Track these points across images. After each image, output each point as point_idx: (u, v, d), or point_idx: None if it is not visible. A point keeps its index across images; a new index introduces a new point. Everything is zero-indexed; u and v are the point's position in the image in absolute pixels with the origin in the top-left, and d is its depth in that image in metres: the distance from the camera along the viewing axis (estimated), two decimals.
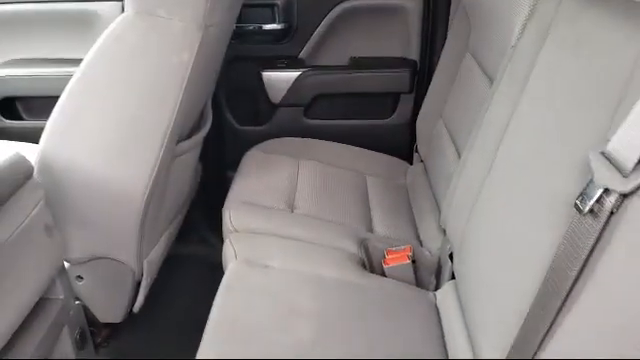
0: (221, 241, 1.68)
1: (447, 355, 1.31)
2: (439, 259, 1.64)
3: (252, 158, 2.09)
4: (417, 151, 2.20)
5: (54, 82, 1.78)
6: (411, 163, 2.25)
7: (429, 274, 1.64)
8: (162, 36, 1.43)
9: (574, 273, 0.88)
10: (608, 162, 0.84)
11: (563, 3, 1.21)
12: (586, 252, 0.87)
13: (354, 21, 2.29)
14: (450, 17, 2.14)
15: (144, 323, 1.85)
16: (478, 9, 1.74)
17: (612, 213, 0.84)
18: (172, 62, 1.45)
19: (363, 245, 1.65)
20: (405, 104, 2.35)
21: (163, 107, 1.50)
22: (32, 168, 1.41)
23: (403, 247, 1.62)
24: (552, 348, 0.92)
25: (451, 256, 1.52)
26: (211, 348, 1.22)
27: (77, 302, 1.64)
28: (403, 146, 2.33)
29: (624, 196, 0.82)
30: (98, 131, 1.49)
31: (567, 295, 0.90)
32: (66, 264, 1.60)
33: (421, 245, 1.73)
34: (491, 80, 1.52)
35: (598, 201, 0.85)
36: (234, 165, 2.09)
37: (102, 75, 1.46)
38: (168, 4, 1.41)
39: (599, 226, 0.85)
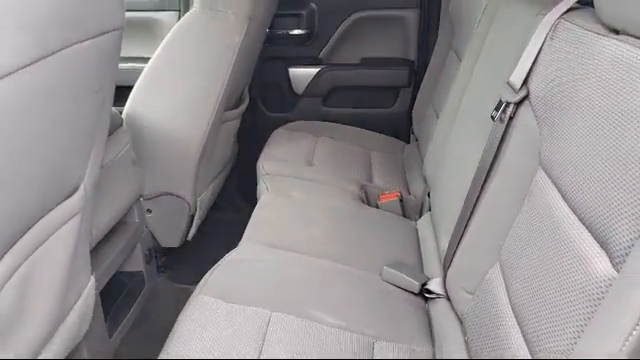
0: (252, 208, 2.09)
1: (420, 252, 1.80)
2: (422, 201, 2.13)
3: (279, 134, 2.61)
4: (413, 133, 2.71)
5: (123, 75, 2.32)
6: (408, 142, 2.75)
7: (414, 212, 2.14)
8: (219, 25, 1.98)
9: (487, 165, 1.38)
10: (509, 87, 1.35)
11: (501, 4, 1.74)
12: (495, 146, 1.36)
13: (364, 28, 2.84)
14: (440, 25, 2.67)
15: (191, 259, 2.30)
16: (456, 14, 2.27)
17: (511, 118, 1.34)
18: (225, 44, 2.00)
19: (363, 189, 2.15)
20: (404, 96, 2.87)
21: (217, 79, 2.04)
22: (122, 119, 1.94)
23: (394, 191, 2.13)
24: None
25: (429, 195, 2.01)
26: (250, 238, 1.73)
27: (146, 229, 2.16)
28: (402, 129, 2.84)
29: (517, 105, 1.32)
30: (169, 94, 2.03)
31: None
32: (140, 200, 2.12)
33: (409, 193, 2.22)
34: (460, 62, 2.04)
35: (503, 111, 1.35)
36: (264, 145, 2.59)
37: (175, 53, 2.02)
38: (224, 1, 1.95)
39: (503, 126, 1.34)
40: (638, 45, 0.90)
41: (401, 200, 2.10)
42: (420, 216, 2.10)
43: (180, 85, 2.04)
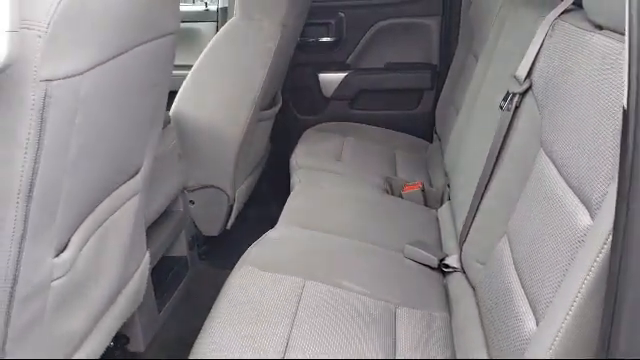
0: (284, 201, 2.24)
1: (440, 235, 1.97)
2: (442, 192, 2.30)
3: (310, 134, 2.81)
4: (436, 132, 2.88)
5: None
6: (431, 142, 2.93)
7: (435, 202, 2.30)
8: (255, 32, 2.20)
9: (497, 150, 1.55)
10: (515, 80, 1.53)
11: (511, 9, 1.92)
12: (503, 133, 1.54)
13: (388, 35, 3.04)
14: (460, 31, 2.84)
15: (230, 247, 2.50)
16: (474, 21, 2.45)
17: (517, 107, 1.51)
18: (261, 49, 2.21)
19: (388, 181, 2.33)
20: (427, 98, 3.05)
21: (254, 81, 2.25)
22: (170, 118, 2.16)
23: (416, 182, 2.30)
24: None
25: (449, 186, 2.18)
26: (285, 221, 1.92)
27: (190, 218, 2.37)
28: (426, 130, 3.01)
29: (522, 95, 1.49)
30: (211, 96, 2.24)
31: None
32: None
33: (431, 186, 2.40)
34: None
35: (510, 101, 1.52)
36: (295, 145, 2.78)
37: (217, 58, 2.23)
38: (260, 10, 2.17)
39: (510, 115, 1.52)
40: (615, 38, 1.07)
41: (423, 191, 2.27)
42: (441, 205, 2.27)
43: (221, 87, 2.25)
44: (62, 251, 1.17)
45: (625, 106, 0.67)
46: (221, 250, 2.48)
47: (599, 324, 0.77)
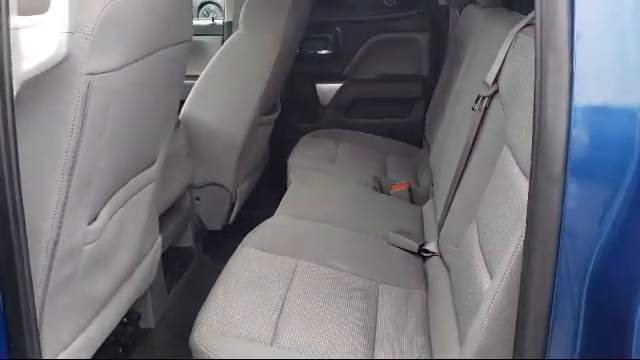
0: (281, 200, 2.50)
1: (423, 228, 2.18)
2: (428, 191, 2.51)
3: (306, 139, 3.03)
4: (425, 139, 3.10)
5: None
6: (421, 148, 3.14)
7: (422, 201, 2.51)
8: (258, 43, 2.42)
9: (469, 147, 1.77)
10: (484, 85, 1.75)
11: (487, 25, 2.15)
12: (474, 132, 1.75)
13: (381, 49, 3.28)
14: (448, 45, 3.08)
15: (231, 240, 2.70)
16: (460, 36, 2.68)
17: (486, 108, 1.73)
18: (262, 60, 2.44)
19: (377, 180, 2.55)
20: (418, 107, 3.29)
21: (255, 88, 2.47)
22: (179, 120, 2.38)
23: (404, 181, 2.52)
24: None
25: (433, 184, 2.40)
26: (281, 212, 2.13)
27: (196, 213, 2.58)
28: (416, 137, 3.22)
29: (490, 98, 1.71)
30: (217, 100, 2.47)
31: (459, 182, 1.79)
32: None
33: (418, 186, 2.61)
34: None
35: (480, 103, 1.74)
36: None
37: (222, 67, 2.46)
38: (261, 24, 2.40)
39: (480, 115, 1.74)
40: None
41: (410, 190, 2.49)
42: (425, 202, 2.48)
43: (225, 94, 2.48)
44: (94, 221, 1.38)
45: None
46: (223, 243, 2.68)
47: None
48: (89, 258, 1.40)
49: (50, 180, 1.19)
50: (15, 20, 0.98)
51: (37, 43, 1.00)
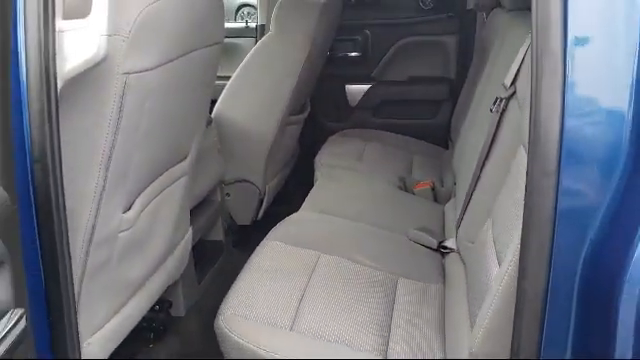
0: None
1: (444, 225, 2.24)
2: (451, 191, 2.57)
3: (335, 138, 3.11)
4: (450, 140, 3.16)
5: None
6: (447, 149, 3.20)
7: (444, 200, 2.57)
8: (289, 43, 2.52)
9: (487, 149, 1.83)
10: (503, 87, 1.81)
11: (511, 28, 2.20)
12: (493, 132, 1.81)
13: (410, 51, 3.34)
14: (475, 48, 3.13)
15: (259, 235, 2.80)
16: (485, 39, 2.74)
17: (504, 110, 1.79)
18: (292, 60, 2.53)
19: (402, 180, 2.61)
20: (444, 108, 3.34)
21: (285, 88, 2.56)
22: (212, 119, 2.48)
23: (428, 181, 2.58)
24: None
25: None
26: (307, 208, 2.22)
27: (226, 208, 2.68)
28: (442, 138, 3.28)
29: (507, 100, 1.77)
30: (248, 99, 2.57)
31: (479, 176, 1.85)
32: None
33: (442, 186, 2.67)
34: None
35: (498, 105, 1.80)
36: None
37: (253, 67, 2.56)
38: (293, 25, 2.49)
39: (497, 117, 1.80)
40: None
41: (433, 189, 2.55)
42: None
43: (255, 93, 2.57)
44: (128, 210, 1.49)
45: None
46: (252, 237, 2.78)
47: None
48: (123, 245, 1.50)
49: (88, 171, 1.30)
50: (59, 23, 1.08)
51: (79, 45, 1.10)
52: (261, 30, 3.38)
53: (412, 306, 1.70)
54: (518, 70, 1.75)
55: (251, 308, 1.54)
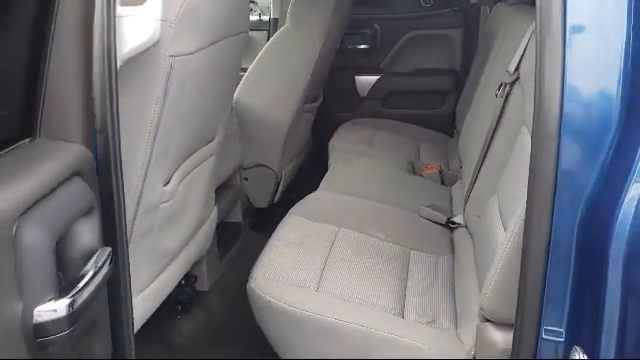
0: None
1: (451, 204, 2.39)
2: (457, 174, 2.71)
3: (346, 126, 3.26)
4: (455, 128, 3.30)
5: None
6: (452, 137, 3.34)
7: (451, 182, 2.72)
8: (305, 36, 2.66)
9: (492, 130, 1.97)
10: (507, 73, 1.95)
11: (513, 19, 2.34)
12: (497, 115, 1.96)
13: (416, 44, 3.50)
14: (479, 41, 3.27)
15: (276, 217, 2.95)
16: (489, 32, 2.88)
17: (508, 94, 1.94)
18: (308, 51, 2.67)
19: (411, 164, 2.76)
20: (450, 99, 3.49)
21: (301, 77, 2.71)
22: (232, 106, 2.63)
23: (435, 165, 2.73)
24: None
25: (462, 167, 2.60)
26: (324, 187, 2.37)
27: (244, 191, 2.83)
28: (448, 127, 3.42)
29: (511, 85, 1.92)
30: (266, 88, 2.71)
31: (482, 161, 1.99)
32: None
33: (448, 169, 2.81)
34: None
35: (503, 90, 1.95)
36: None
37: (271, 57, 2.71)
38: (308, 18, 2.64)
39: (502, 101, 1.94)
40: None
41: (440, 172, 2.69)
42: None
43: (273, 83, 2.72)
44: (167, 183, 1.64)
45: None
46: (269, 220, 2.93)
47: None
48: (163, 216, 1.65)
49: (138, 145, 1.45)
50: (118, 10, 1.22)
51: (135, 29, 1.25)
52: (274, 23, 3.52)
53: (424, 275, 1.85)
54: (521, 57, 1.89)
55: (279, 273, 1.69)
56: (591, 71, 1.09)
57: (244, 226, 2.81)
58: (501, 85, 1.97)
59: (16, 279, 0.72)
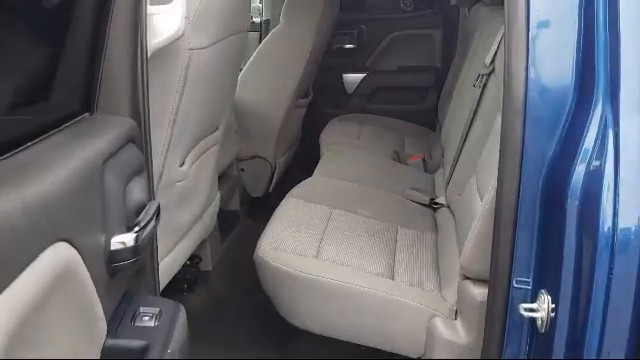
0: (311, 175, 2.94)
1: (434, 188, 2.61)
2: (439, 163, 2.94)
3: (335, 121, 3.47)
4: (438, 122, 3.53)
5: None
6: (434, 130, 3.57)
7: (433, 170, 2.94)
8: (297, 34, 2.87)
9: (471, 118, 2.20)
10: (484, 65, 2.17)
11: (489, 17, 2.57)
12: (475, 104, 2.18)
13: (400, 44, 3.73)
14: (458, 40, 3.50)
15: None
16: (468, 31, 3.11)
17: (485, 85, 2.16)
18: (300, 49, 2.88)
19: (396, 153, 2.98)
20: (431, 94, 3.72)
21: (294, 73, 2.92)
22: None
23: (419, 154, 2.95)
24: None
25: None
26: (318, 173, 2.58)
27: (241, 181, 3.03)
28: (430, 120, 3.64)
29: (488, 76, 2.14)
30: (261, 83, 2.92)
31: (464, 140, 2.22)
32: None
33: (430, 159, 3.04)
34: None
35: (480, 81, 2.17)
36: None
37: (266, 55, 2.92)
38: (301, 19, 2.84)
39: (479, 92, 2.17)
40: None
41: (424, 161, 2.92)
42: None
43: (268, 78, 2.93)
44: (182, 164, 1.83)
45: None
46: (264, 208, 3.12)
47: None
48: (178, 193, 1.84)
49: (161, 127, 1.64)
50: (149, 8, 1.42)
51: (163, 24, 1.45)
52: (266, 25, 3.72)
53: (410, 248, 2.06)
54: (496, 52, 2.12)
55: (282, 244, 1.89)
56: (550, 62, 1.31)
57: (242, 213, 3.00)
58: (478, 76, 2.19)
59: (103, 214, 0.92)
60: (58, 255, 0.78)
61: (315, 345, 1.97)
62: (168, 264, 1.91)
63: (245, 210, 3.08)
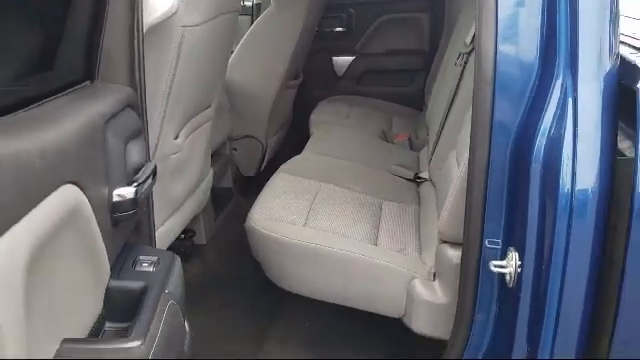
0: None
1: (419, 164, 2.72)
2: (424, 142, 3.04)
3: (324, 103, 3.57)
4: (424, 103, 3.64)
5: None
6: (421, 111, 3.68)
7: (419, 149, 3.05)
8: (287, 17, 2.96)
9: (452, 95, 2.30)
10: (465, 45, 2.28)
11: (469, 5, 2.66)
12: (456, 82, 2.29)
13: (388, 27, 3.82)
14: (444, 23, 3.60)
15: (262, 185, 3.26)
16: (453, 15, 3.21)
17: (466, 63, 2.27)
18: (290, 31, 2.97)
19: (384, 133, 3.09)
20: (419, 77, 3.82)
21: (284, 54, 3.01)
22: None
23: (406, 133, 3.06)
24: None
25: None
26: (307, 150, 2.68)
27: (233, 161, 3.13)
28: (418, 102, 3.75)
29: (468, 54, 2.24)
30: (253, 65, 3.01)
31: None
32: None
33: (416, 138, 3.14)
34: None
35: (461, 59, 2.28)
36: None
37: (257, 36, 3.01)
38: (291, 3, 2.94)
39: (460, 69, 2.27)
40: None
41: (410, 140, 3.02)
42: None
43: (260, 59, 3.02)
44: (177, 138, 1.93)
45: None
46: (256, 186, 3.23)
47: None
48: (173, 165, 1.94)
49: (156, 100, 1.74)
50: None
51: (157, 1, 1.54)
52: (257, 8, 3.81)
53: (394, 219, 2.17)
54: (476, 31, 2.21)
55: (272, 213, 2.00)
56: (517, 36, 1.42)
57: (235, 191, 3.11)
58: (459, 55, 2.30)
59: (106, 168, 1.03)
60: (69, 194, 0.88)
61: (302, 306, 2.08)
62: (163, 233, 2.01)
63: (238, 188, 3.18)
